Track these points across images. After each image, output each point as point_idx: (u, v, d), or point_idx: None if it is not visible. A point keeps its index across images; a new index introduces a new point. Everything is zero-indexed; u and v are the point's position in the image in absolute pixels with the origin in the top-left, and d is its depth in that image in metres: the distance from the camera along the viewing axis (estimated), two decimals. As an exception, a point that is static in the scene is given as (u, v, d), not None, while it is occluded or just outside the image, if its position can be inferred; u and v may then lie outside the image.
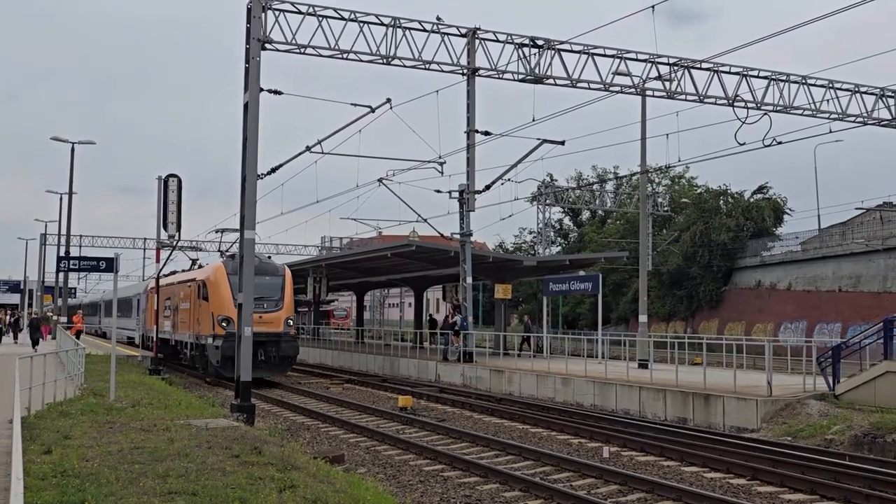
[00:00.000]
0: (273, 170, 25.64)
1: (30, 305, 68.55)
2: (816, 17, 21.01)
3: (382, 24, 21.58)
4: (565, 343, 33.41)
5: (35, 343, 37.47)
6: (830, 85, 26.10)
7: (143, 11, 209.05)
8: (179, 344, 35.43)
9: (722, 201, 57.29)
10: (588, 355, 29.77)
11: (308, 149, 24.09)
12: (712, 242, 53.95)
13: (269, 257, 36.72)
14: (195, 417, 16.39)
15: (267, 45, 19.97)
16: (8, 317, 50.63)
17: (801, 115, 25.98)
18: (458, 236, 30.57)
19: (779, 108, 25.35)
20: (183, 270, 39.73)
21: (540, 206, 55.59)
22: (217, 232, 40.30)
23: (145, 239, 73.70)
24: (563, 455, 15.66)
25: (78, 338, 37.59)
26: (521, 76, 23.16)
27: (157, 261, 34.14)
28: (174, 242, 32.33)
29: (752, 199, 56.72)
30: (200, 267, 35.81)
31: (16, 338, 45.47)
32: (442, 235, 33.80)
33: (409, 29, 21.85)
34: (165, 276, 40.31)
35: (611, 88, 24.13)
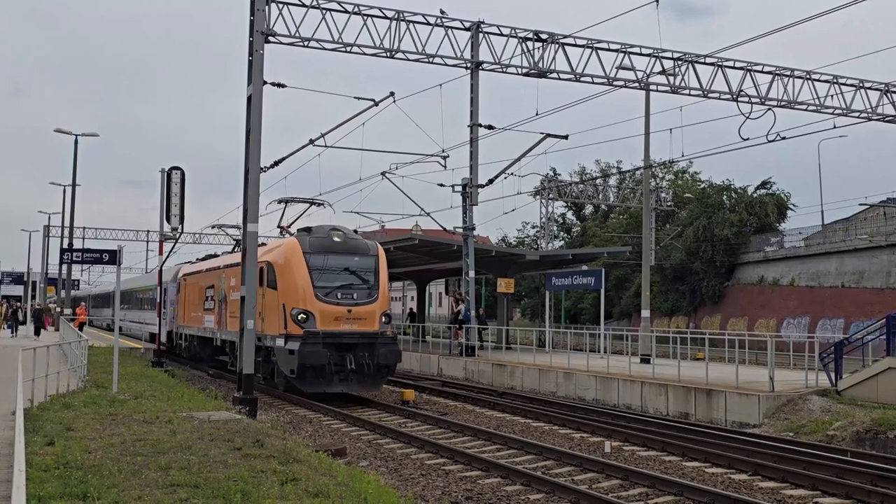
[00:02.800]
0: (276, 163, 25.64)
1: (33, 297, 68.58)
2: (824, 12, 20.95)
3: (386, 17, 21.55)
4: (567, 338, 33.41)
5: (37, 332, 39.25)
6: (835, 80, 26.02)
7: (147, 5, 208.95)
8: (228, 345, 27.55)
9: (725, 196, 57.20)
10: (590, 350, 29.75)
11: (311, 142, 24.10)
12: (715, 238, 53.88)
13: (356, 230, 27.02)
14: (197, 410, 16.41)
15: (270, 38, 19.94)
16: (5, 308, 47.82)
17: (806, 110, 25.92)
18: (460, 230, 30.55)
19: (783, 103, 25.29)
20: (229, 251, 33.86)
21: (543, 201, 55.55)
22: (219, 225, 37.92)
23: (148, 231, 73.84)
24: (565, 449, 15.66)
25: (81, 330, 37.66)
26: (524, 70, 23.12)
27: (161, 253, 34.12)
28: (177, 235, 32.29)
29: (755, 195, 56.64)
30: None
31: (14, 331, 42.48)
32: (445, 229, 33.78)
33: (413, 22, 21.82)
34: (201, 259, 35.74)
35: (614, 83, 24.08)
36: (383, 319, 22.64)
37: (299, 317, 21.59)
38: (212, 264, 31.29)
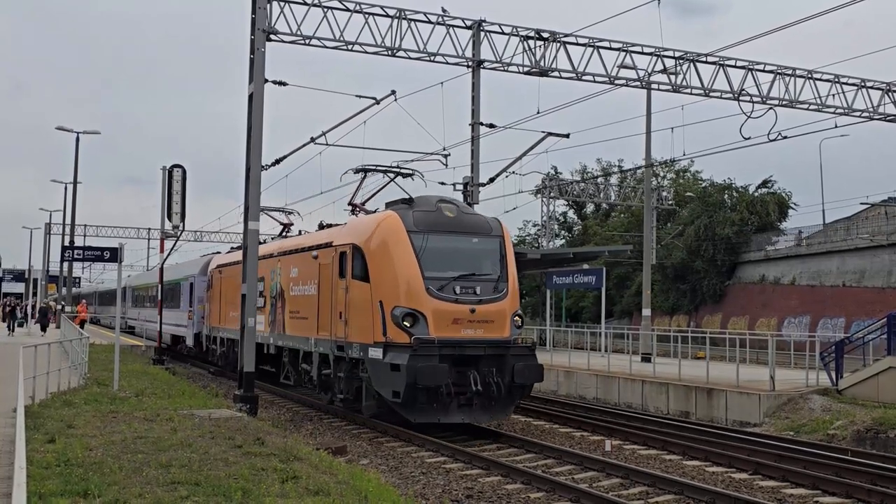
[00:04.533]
0: (277, 161, 25.62)
1: (34, 295, 68.62)
2: (824, 11, 20.94)
3: (387, 15, 21.52)
4: (568, 336, 33.42)
5: (43, 328, 39.97)
6: (836, 79, 25.99)
7: (148, 4, 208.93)
8: (286, 353, 22.25)
9: (726, 195, 57.18)
10: (591, 349, 29.75)
11: (312, 140, 24.06)
12: (716, 236, 53.87)
13: (472, 204, 22.04)
14: (198, 408, 16.44)
15: (272, 36, 19.94)
16: (3, 306, 46.91)
17: (807, 109, 25.87)
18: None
19: (784, 102, 25.25)
20: (285, 235, 27.82)
21: (544, 199, 55.51)
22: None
23: (149, 229, 73.81)
24: (565, 448, 15.68)
25: (82, 327, 37.72)
26: (526, 69, 23.09)
27: (162, 251, 34.14)
28: (178, 233, 32.28)
29: (756, 194, 56.62)
30: (327, 227, 21.32)
31: (11, 329, 41.25)
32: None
33: (414, 21, 21.78)
34: (239, 248, 28.59)
35: (616, 82, 24.05)
36: (516, 322, 17.29)
37: (405, 319, 16.26)
38: (260, 251, 24.18)
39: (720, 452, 15.22)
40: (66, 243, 48.08)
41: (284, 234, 27.41)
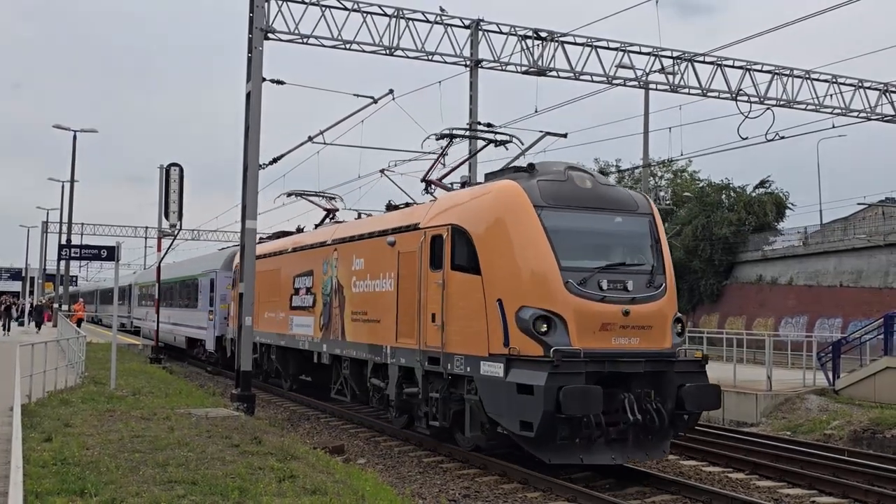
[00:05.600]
0: (275, 160, 25.59)
1: (31, 293, 68.55)
2: (820, 11, 20.96)
3: (385, 14, 21.52)
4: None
5: (38, 325, 40.43)
6: (834, 80, 26.02)
7: (148, 1, 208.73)
8: (351, 365, 17.99)
9: (724, 195, 57.22)
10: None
11: (310, 139, 24.03)
12: (714, 236, 53.90)
13: (607, 174, 15.50)
14: (195, 407, 16.43)
15: (269, 35, 19.92)
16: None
17: (805, 109, 25.90)
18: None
19: (782, 102, 25.28)
20: (330, 222, 23.48)
21: (542, 199, 55.38)
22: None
23: (147, 228, 73.74)
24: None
25: (79, 326, 37.71)
26: (524, 69, 23.09)
27: (159, 250, 34.13)
28: (176, 232, 32.27)
29: (753, 194, 56.66)
30: (396, 208, 17.63)
31: (6, 328, 40.45)
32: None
33: (412, 20, 21.78)
34: (274, 236, 26.22)
35: (614, 81, 24.06)
36: (677, 329, 13.40)
37: (537, 324, 12.27)
38: (306, 239, 21.64)
39: (717, 452, 15.23)
40: (63, 242, 48.02)
41: (329, 220, 23.58)
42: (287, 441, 12.89)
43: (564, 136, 20.86)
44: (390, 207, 17.85)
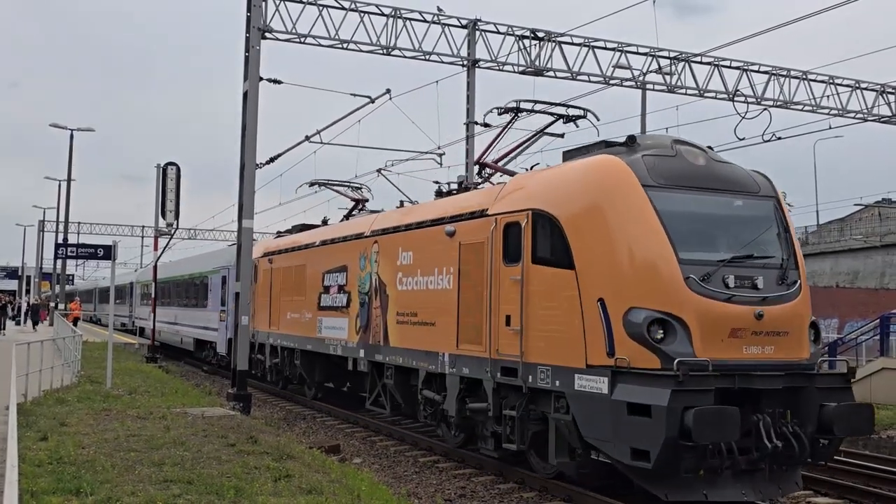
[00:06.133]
0: (272, 159, 25.57)
1: (27, 292, 68.52)
2: (817, 11, 20.97)
3: (383, 14, 21.52)
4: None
5: (35, 324, 40.68)
6: (831, 81, 26.06)
7: (146, 0, 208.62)
8: (397, 374, 15.69)
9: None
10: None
11: (307, 138, 24.03)
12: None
13: (711, 147, 12.92)
14: (191, 406, 16.42)
15: (267, 34, 19.91)
16: None
17: (802, 110, 25.92)
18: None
19: (779, 103, 25.30)
20: (358, 212, 21.76)
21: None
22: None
23: (143, 227, 73.70)
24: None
25: (75, 325, 37.69)
26: (521, 68, 23.10)
27: (156, 249, 34.10)
28: (172, 231, 32.23)
29: (750, 194, 56.69)
30: (448, 193, 15.74)
31: (2, 327, 39.40)
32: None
33: (410, 19, 21.79)
34: (297, 229, 23.65)
35: (611, 81, 24.08)
36: (811, 335, 11.32)
37: (652, 328, 10.15)
38: (338, 231, 19.26)
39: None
40: (60, 241, 47.99)
41: (358, 211, 21.75)
42: (283, 440, 12.89)
43: (561, 136, 20.75)
44: (441, 193, 15.81)
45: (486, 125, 24.30)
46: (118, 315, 51.47)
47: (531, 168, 13.77)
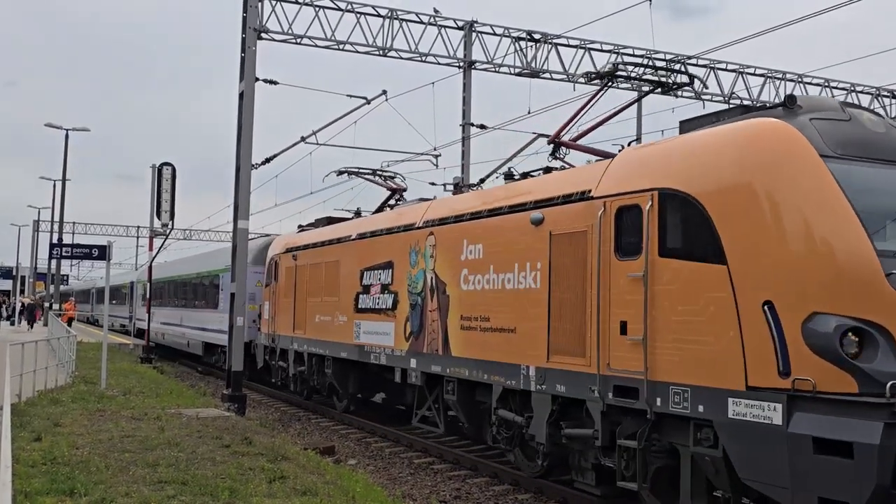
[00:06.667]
0: (267, 160, 25.57)
1: (21, 292, 68.41)
2: (810, 14, 21.01)
3: (379, 15, 21.54)
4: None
5: (31, 324, 40.84)
6: (826, 84, 26.14)
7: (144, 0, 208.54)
8: (460, 389, 13.60)
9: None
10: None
11: (303, 139, 24.02)
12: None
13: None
14: (186, 407, 16.40)
15: (263, 35, 19.91)
16: None
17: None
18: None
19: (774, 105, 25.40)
20: (395, 203, 19.45)
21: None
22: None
23: (138, 227, 73.65)
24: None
25: (70, 325, 37.64)
26: (517, 70, 23.15)
27: (151, 249, 34.08)
28: (167, 231, 32.23)
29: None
30: (524, 176, 13.34)
31: None
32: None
33: (406, 21, 21.82)
34: (320, 222, 21.44)
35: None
36: None
37: (847, 340, 7.93)
38: (380, 223, 16.86)
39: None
40: (55, 241, 47.94)
41: (395, 202, 19.51)
42: (278, 442, 12.87)
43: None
44: (511, 177, 13.49)
45: (482, 126, 24.30)
46: (118, 316, 50.51)
47: (626, 146, 11.15)
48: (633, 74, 12.44)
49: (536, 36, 23.15)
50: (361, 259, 16.78)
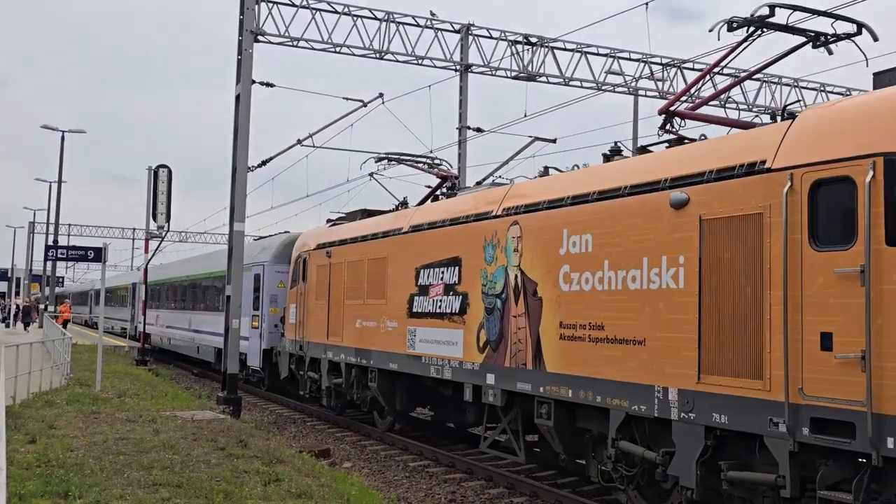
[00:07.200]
0: (264, 162, 25.57)
1: (16, 294, 68.30)
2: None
3: (376, 18, 21.56)
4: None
5: (26, 326, 41.01)
6: (822, 88, 26.22)
7: (140, 0, 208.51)
8: (559, 412, 11.05)
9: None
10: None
11: (299, 142, 24.03)
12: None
13: None
14: (181, 409, 16.37)
15: (259, 38, 19.93)
16: None
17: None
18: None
19: (770, 110, 25.45)
20: (444, 193, 17.23)
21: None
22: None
23: (134, 229, 73.61)
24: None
25: (65, 327, 37.59)
26: (514, 73, 23.19)
27: (146, 251, 34.04)
28: (163, 233, 32.21)
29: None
30: (643, 150, 11.03)
31: None
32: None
33: (403, 24, 21.84)
34: (354, 215, 19.19)
35: (603, 87, 24.17)
36: None
37: None
38: (440, 213, 14.36)
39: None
40: (51, 242, 47.86)
41: (447, 190, 17.44)
42: (273, 444, 12.86)
43: (553, 141, 20.93)
44: (617, 152, 11.41)
45: (478, 130, 24.32)
46: (118, 319, 48.76)
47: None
48: (787, 23, 9.71)
49: (533, 39, 23.19)
50: (417, 255, 14.41)
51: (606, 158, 11.41)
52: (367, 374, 16.34)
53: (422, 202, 17.33)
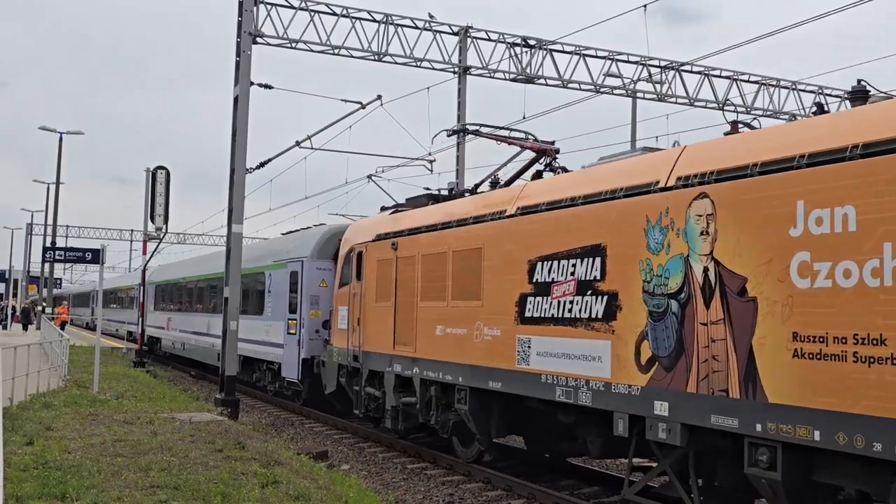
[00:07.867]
0: (262, 164, 25.55)
1: (14, 296, 68.26)
2: (803, 21, 21.07)
3: (374, 20, 21.57)
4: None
5: (25, 327, 41.17)
6: (820, 91, 26.22)
7: (137, 1, 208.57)
8: (785, 457, 7.59)
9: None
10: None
11: (298, 144, 24.01)
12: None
13: None
14: (179, 411, 16.36)
15: (258, 39, 19.93)
16: None
17: (791, 120, 26.09)
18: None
19: (769, 112, 25.46)
20: (545, 170, 14.15)
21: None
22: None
23: (132, 231, 73.59)
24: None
25: (63, 329, 37.56)
26: (512, 76, 23.19)
27: (144, 253, 34.01)
28: (161, 235, 32.17)
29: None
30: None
31: None
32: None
33: (401, 26, 21.85)
34: (410, 204, 16.40)
35: (601, 90, 24.18)
36: None
37: None
38: (568, 186, 11.01)
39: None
40: (48, 244, 47.83)
41: (545, 167, 14.45)
42: (271, 446, 12.85)
43: (552, 143, 20.96)
44: (858, 95, 8.54)
45: (477, 132, 24.27)
46: (124, 322, 46.06)
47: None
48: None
49: (531, 42, 23.19)
50: (530, 244, 11.27)
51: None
52: (451, 392, 13.25)
53: (509, 182, 14.35)
